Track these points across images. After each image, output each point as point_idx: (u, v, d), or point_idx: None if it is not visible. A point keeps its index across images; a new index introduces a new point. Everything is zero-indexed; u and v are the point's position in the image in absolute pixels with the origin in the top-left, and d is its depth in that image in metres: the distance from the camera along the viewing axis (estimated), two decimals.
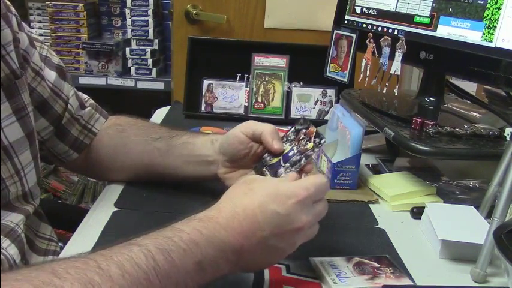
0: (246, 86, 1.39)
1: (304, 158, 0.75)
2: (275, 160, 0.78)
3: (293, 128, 0.80)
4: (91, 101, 0.97)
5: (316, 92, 1.38)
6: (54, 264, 0.50)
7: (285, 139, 0.79)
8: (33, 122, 0.79)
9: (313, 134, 0.76)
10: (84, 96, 0.96)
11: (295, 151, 0.77)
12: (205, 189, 0.92)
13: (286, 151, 0.78)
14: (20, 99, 0.75)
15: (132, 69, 2.38)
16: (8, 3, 0.77)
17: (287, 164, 0.76)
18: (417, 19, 1.02)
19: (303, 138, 0.77)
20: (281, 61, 1.39)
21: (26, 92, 0.77)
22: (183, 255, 0.56)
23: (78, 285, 0.47)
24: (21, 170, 0.76)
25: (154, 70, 2.37)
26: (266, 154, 0.80)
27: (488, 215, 0.79)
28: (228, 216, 0.62)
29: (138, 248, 0.54)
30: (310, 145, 0.76)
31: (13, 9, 0.78)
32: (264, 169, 0.78)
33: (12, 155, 0.74)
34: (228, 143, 0.84)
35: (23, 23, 0.82)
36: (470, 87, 1.23)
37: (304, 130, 0.78)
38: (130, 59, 2.38)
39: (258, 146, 0.82)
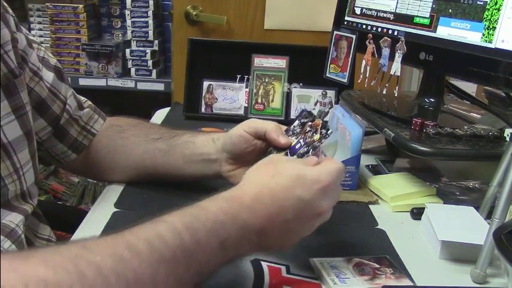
0: (246, 87, 1.39)
1: (311, 149, 0.74)
2: (282, 154, 0.78)
3: (297, 121, 0.80)
4: (89, 102, 0.97)
5: (316, 93, 1.38)
6: (83, 241, 0.51)
7: (290, 132, 0.79)
8: (32, 121, 0.80)
9: (320, 126, 0.76)
10: (82, 98, 0.96)
11: (302, 143, 0.76)
12: (206, 189, 0.91)
13: (292, 144, 0.77)
14: (18, 98, 0.75)
15: (132, 70, 2.38)
16: (5, 4, 0.77)
17: (294, 157, 0.75)
18: (417, 20, 1.02)
19: (309, 131, 0.77)
20: (281, 62, 1.39)
21: (24, 91, 0.77)
22: (208, 234, 0.57)
23: (109, 259, 0.48)
24: (19, 169, 0.77)
25: (154, 71, 2.38)
26: (271, 148, 0.80)
27: (488, 216, 0.79)
28: (253, 197, 0.62)
29: (166, 225, 0.55)
30: (317, 136, 0.75)
31: (10, 10, 0.79)
32: None
33: (11, 153, 0.75)
34: (232, 142, 0.84)
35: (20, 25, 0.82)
36: (470, 88, 1.23)
37: (310, 123, 0.77)
38: (131, 60, 2.38)
39: (262, 143, 0.82)
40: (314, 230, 0.67)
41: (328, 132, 0.75)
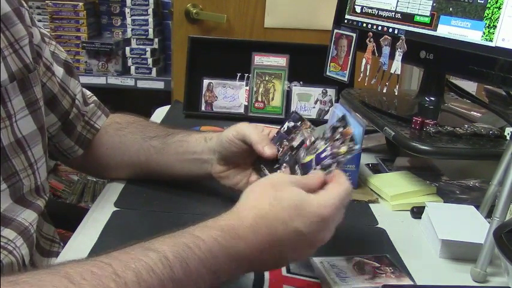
0: (246, 86, 1.39)
1: (335, 164, 0.68)
2: (308, 158, 0.73)
3: (287, 123, 0.78)
4: (94, 97, 0.98)
5: (316, 92, 1.38)
6: (68, 268, 0.49)
7: (321, 135, 0.74)
8: (44, 117, 0.80)
9: (349, 137, 0.69)
10: (88, 93, 0.97)
11: (329, 153, 0.70)
12: (205, 189, 0.92)
13: (319, 151, 0.72)
14: (32, 92, 0.76)
15: (132, 68, 2.38)
16: None
17: (318, 167, 0.70)
18: (417, 18, 1.02)
19: (338, 139, 0.71)
20: (281, 60, 1.39)
21: (38, 85, 0.77)
22: (199, 263, 0.55)
23: None
24: (34, 164, 0.77)
25: (154, 69, 2.38)
26: (292, 152, 0.78)
27: (489, 215, 0.79)
28: (250, 228, 0.59)
29: (156, 255, 0.53)
30: (343, 150, 0.69)
31: (25, 4, 0.78)
32: (296, 167, 0.75)
33: (25, 148, 0.75)
34: (223, 145, 0.83)
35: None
36: (470, 86, 1.23)
37: (341, 129, 0.71)
38: (130, 58, 2.38)
39: (250, 147, 0.82)
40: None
41: (355, 147, 0.68)
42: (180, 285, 0.53)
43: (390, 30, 1.07)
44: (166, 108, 1.49)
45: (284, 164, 0.78)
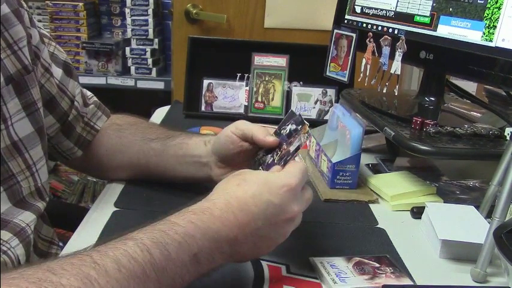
0: (246, 86, 1.39)
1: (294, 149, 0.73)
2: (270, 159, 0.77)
3: (287, 127, 0.78)
4: (94, 98, 0.97)
5: (316, 92, 1.38)
6: (50, 262, 0.50)
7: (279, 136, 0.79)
8: (43, 118, 0.80)
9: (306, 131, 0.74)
10: (88, 94, 0.97)
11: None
12: (205, 190, 0.91)
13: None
14: (29, 94, 0.75)
15: (132, 68, 2.38)
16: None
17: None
18: (417, 19, 1.02)
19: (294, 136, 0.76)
20: (281, 61, 1.39)
21: (35, 87, 0.77)
22: (178, 248, 0.56)
23: (75, 280, 0.47)
24: (32, 165, 0.77)
25: (154, 70, 2.38)
26: (259, 152, 0.80)
27: (489, 215, 0.79)
28: (223, 207, 0.62)
29: (133, 242, 0.54)
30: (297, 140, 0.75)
31: (25, 5, 0.78)
32: (260, 168, 0.78)
33: (22, 150, 0.75)
34: (220, 143, 0.83)
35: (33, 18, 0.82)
36: (470, 87, 1.23)
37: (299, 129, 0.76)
38: (130, 59, 2.38)
39: (249, 145, 0.81)
40: (290, 235, 0.66)
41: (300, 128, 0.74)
42: (162, 271, 0.54)
43: (390, 30, 1.07)
44: (166, 108, 1.49)
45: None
